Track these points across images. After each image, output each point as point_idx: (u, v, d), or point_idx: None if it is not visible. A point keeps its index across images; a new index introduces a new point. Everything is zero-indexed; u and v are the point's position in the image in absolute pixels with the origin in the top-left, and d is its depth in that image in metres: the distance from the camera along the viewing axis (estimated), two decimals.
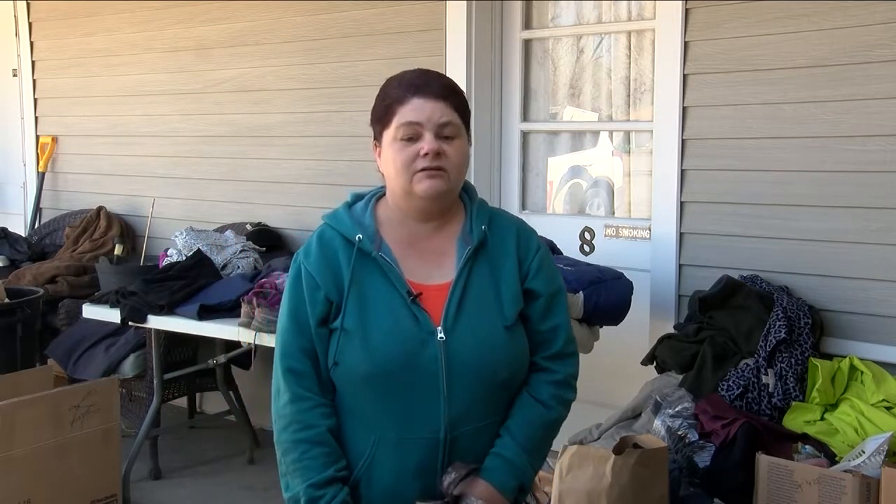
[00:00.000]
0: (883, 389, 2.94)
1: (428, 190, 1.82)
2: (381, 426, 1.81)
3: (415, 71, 1.89)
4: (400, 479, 1.81)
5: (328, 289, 1.83)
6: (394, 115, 1.83)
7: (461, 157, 1.85)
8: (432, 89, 1.83)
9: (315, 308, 1.83)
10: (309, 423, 1.82)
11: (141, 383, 4.28)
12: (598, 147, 4.21)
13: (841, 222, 3.24)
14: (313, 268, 1.85)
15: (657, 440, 2.62)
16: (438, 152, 1.80)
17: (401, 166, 1.81)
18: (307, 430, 1.81)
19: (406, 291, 1.81)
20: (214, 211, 4.95)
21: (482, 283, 1.86)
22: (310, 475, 1.81)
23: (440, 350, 1.78)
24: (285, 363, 1.85)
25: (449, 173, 1.82)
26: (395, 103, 1.83)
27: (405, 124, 1.81)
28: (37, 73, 5.81)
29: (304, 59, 4.57)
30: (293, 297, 1.87)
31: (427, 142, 1.80)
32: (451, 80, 1.90)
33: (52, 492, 3.33)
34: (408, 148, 1.81)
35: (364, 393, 1.80)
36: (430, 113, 1.81)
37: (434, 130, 1.81)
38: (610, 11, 4.00)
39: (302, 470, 1.82)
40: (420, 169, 1.81)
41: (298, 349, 1.84)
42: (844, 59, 3.19)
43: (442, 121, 1.81)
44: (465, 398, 1.79)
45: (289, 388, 1.83)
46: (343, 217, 1.90)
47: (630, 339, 3.60)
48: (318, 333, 1.83)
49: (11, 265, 5.21)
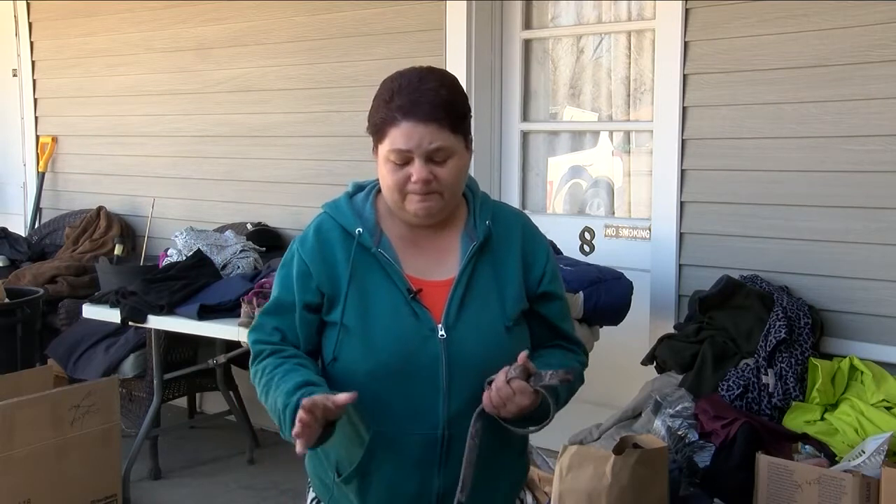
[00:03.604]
0: (883, 389, 2.94)
1: (420, 211, 1.80)
2: (379, 422, 1.80)
3: (411, 77, 1.81)
4: (398, 474, 1.80)
5: (320, 280, 1.82)
6: (385, 135, 1.78)
7: (455, 176, 1.81)
8: (423, 111, 1.75)
9: (304, 294, 1.82)
10: (284, 359, 1.80)
11: (141, 383, 4.28)
12: (598, 147, 4.21)
13: (841, 222, 3.24)
14: (308, 257, 1.84)
15: (657, 440, 2.62)
16: (429, 180, 1.77)
17: (392, 186, 1.80)
18: (284, 364, 1.79)
19: (406, 289, 1.80)
20: (214, 211, 4.95)
21: (485, 280, 1.85)
22: (285, 387, 1.73)
23: (441, 348, 1.78)
24: (254, 336, 1.86)
25: (443, 193, 1.80)
26: (385, 124, 1.78)
27: (395, 151, 1.77)
28: (37, 73, 5.81)
29: (304, 59, 4.57)
30: (281, 279, 1.87)
31: (416, 170, 1.76)
32: (448, 89, 1.81)
33: (52, 492, 3.33)
34: (399, 171, 1.78)
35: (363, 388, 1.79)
36: (420, 139, 1.75)
37: (424, 157, 1.76)
38: (610, 11, 4.00)
39: (279, 383, 1.75)
40: (412, 192, 1.79)
41: (271, 328, 1.84)
42: (844, 59, 3.19)
43: (432, 147, 1.76)
44: (464, 395, 1.79)
45: (261, 339, 1.84)
46: (344, 208, 1.88)
47: (630, 339, 3.60)
48: (304, 318, 1.83)
49: (11, 265, 5.21)
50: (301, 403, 1.62)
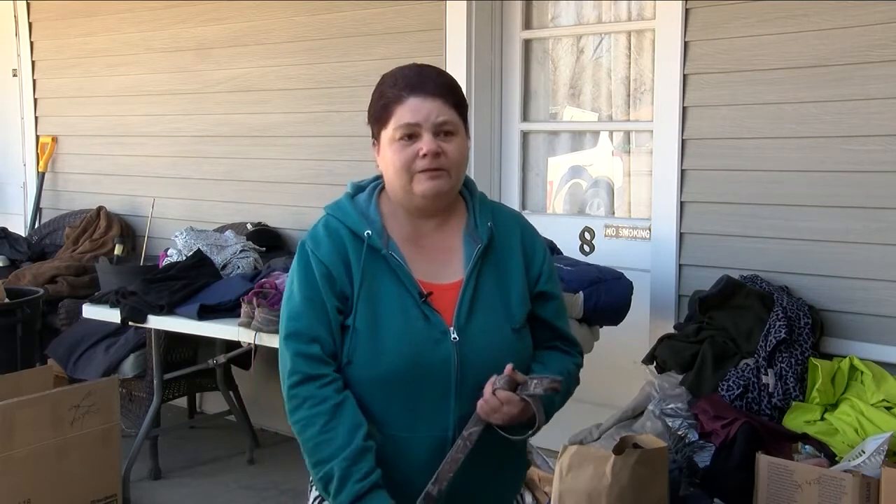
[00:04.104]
0: (883, 389, 2.94)
1: (428, 191, 1.81)
2: (390, 424, 1.80)
3: (411, 67, 1.87)
4: (408, 476, 1.80)
5: (342, 283, 1.81)
6: (391, 115, 1.81)
7: (461, 154, 1.84)
8: (429, 87, 1.81)
9: (332, 299, 1.80)
10: (324, 397, 1.77)
11: (141, 383, 4.28)
12: (598, 147, 4.21)
13: (841, 222, 3.24)
14: (326, 259, 1.82)
15: (657, 440, 2.62)
16: (438, 153, 1.79)
17: (400, 167, 1.80)
18: (323, 404, 1.77)
19: (417, 292, 1.81)
20: (214, 211, 4.95)
21: (490, 282, 1.86)
22: (338, 448, 1.74)
23: (453, 350, 1.79)
24: (296, 347, 1.80)
25: (449, 172, 1.81)
26: (391, 103, 1.81)
27: (403, 125, 1.79)
28: (37, 73, 5.81)
29: (304, 59, 4.57)
30: (306, 285, 1.82)
31: (426, 142, 1.78)
32: (448, 76, 1.88)
33: (52, 492, 3.33)
34: (407, 148, 1.80)
35: (375, 391, 1.80)
36: (428, 112, 1.79)
37: (432, 130, 1.79)
38: (610, 11, 4.00)
39: (326, 443, 1.75)
40: (420, 170, 1.80)
41: (311, 336, 1.80)
42: (844, 59, 3.19)
43: (440, 119, 1.80)
44: (473, 398, 1.79)
45: (300, 370, 1.79)
46: (348, 209, 1.88)
47: (630, 339, 3.60)
48: (338, 321, 1.81)
49: (11, 265, 5.21)
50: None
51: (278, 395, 1.92)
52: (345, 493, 1.73)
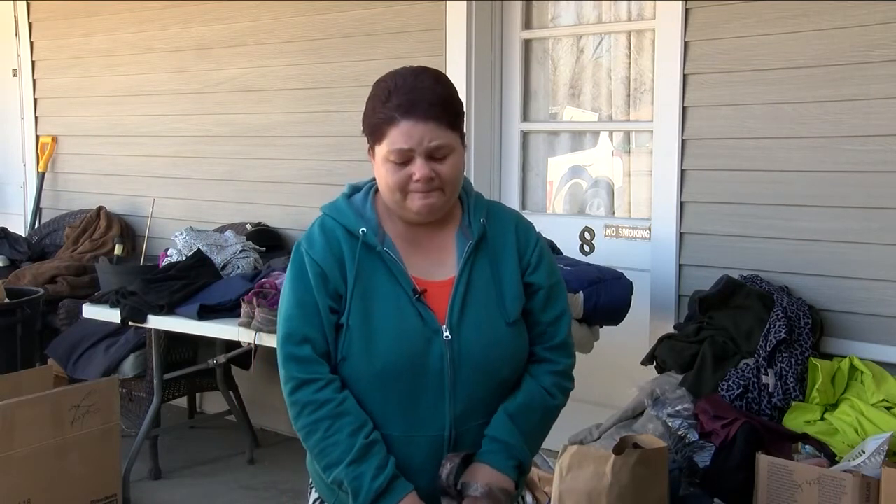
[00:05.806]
0: (883, 389, 2.94)
1: (423, 209, 1.81)
2: (386, 423, 1.80)
3: (405, 77, 1.81)
4: (405, 475, 1.80)
5: (336, 282, 1.81)
6: (384, 136, 1.78)
7: (455, 171, 1.82)
8: (421, 109, 1.76)
9: (325, 300, 1.80)
10: (323, 400, 1.77)
11: (141, 383, 4.28)
12: (598, 147, 4.21)
13: (841, 222, 3.24)
14: (320, 258, 1.82)
15: (657, 440, 2.62)
16: (431, 177, 1.78)
17: (394, 186, 1.79)
18: (322, 409, 1.77)
19: (412, 289, 1.81)
20: (214, 211, 4.95)
21: (484, 278, 1.86)
22: (343, 453, 1.75)
23: (446, 348, 1.79)
24: (287, 350, 1.81)
25: (444, 189, 1.81)
26: (383, 124, 1.78)
27: (396, 150, 1.77)
28: (37, 73, 5.81)
29: (304, 59, 4.57)
30: (298, 286, 1.82)
31: (419, 167, 1.77)
32: (443, 88, 1.82)
33: (52, 492, 3.33)
34: (400, 171, 1.78)
35: (370, 390, 1.80)
36: (421, 137, 1.76)
37: (425, 154, 1.77)
38: (610, 11, 4.00)
39: (332, 447, 1.76)
40: (414, 190, 1.79)
41: (302, 337, 1.80)
42: (844, 59, 3.19)
43: (433, 144, 1.77)
44: (469, 395, 1.80)
45: (294, 376, 1.80)
46: (344, 209, 1.88)
47: (630, 339, 3.60)
48: (330, 321, 1.81)
49: (11, 265, 5.21)
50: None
51: (278, 395, 1.92)
52: (363, 493, 1.74)
